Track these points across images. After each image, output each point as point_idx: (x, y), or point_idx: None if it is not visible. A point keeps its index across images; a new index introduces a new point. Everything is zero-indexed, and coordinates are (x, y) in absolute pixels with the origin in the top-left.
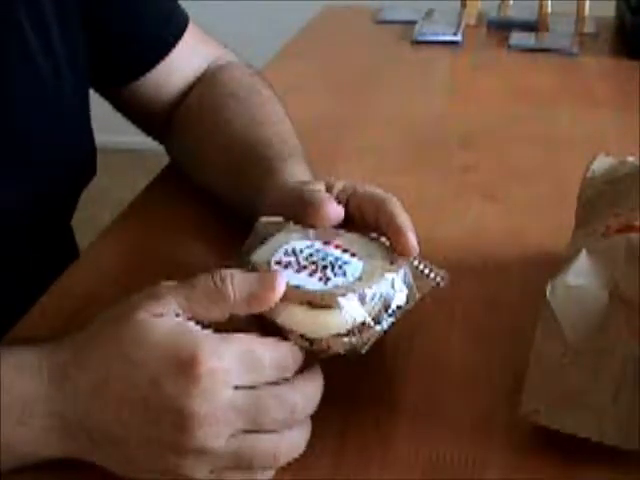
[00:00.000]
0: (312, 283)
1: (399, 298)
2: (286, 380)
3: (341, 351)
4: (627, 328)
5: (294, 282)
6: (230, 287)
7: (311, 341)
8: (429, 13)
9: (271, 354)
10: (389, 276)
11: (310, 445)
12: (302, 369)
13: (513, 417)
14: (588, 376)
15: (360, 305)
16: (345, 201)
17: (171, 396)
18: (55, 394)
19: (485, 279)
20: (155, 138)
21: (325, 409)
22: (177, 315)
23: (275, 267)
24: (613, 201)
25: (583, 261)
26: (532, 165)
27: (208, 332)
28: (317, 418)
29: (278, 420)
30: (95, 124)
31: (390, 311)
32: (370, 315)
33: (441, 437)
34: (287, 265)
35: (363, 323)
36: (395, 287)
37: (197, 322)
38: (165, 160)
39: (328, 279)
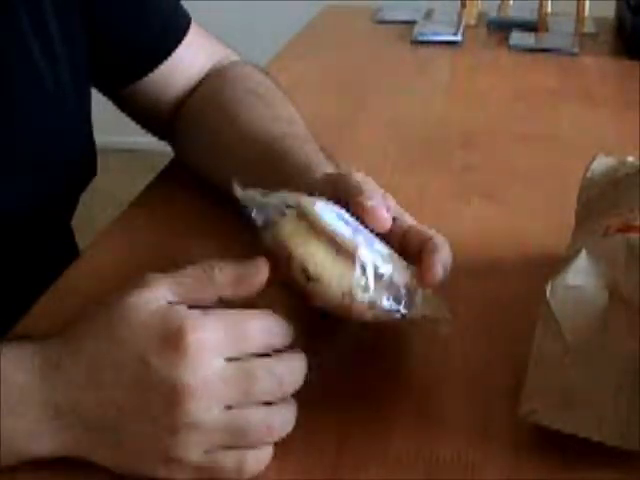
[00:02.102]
0: (343, 227)
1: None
2: (274, 353)
3: (329, 306)
4: (627, 328)
5: (323, 216)
6: (218, 271)
7: (308, 278)
8: (429, 13)
9: (258, 324)
10: (406, 273)
11: (310, 445)
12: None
13: (513, 417)
14: (588, 376)
15: (373, 276)
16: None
17: (159, 371)
18: (48, 383)
19: (485, 279)
20: (160, 137)
21: (325, 409)
22: (168, 302)
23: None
24: (613, 201)
25: (583, 261)
26: (532, 165)
27: (195, 310)
28: (317, 418)
29: (267, 391)
30: (95, 124)
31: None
32: (375, 291)
33: (441, 437)
34: (329, 209)
35: (365, 294)
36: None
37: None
38: (165, 160)
39: (358, 234)
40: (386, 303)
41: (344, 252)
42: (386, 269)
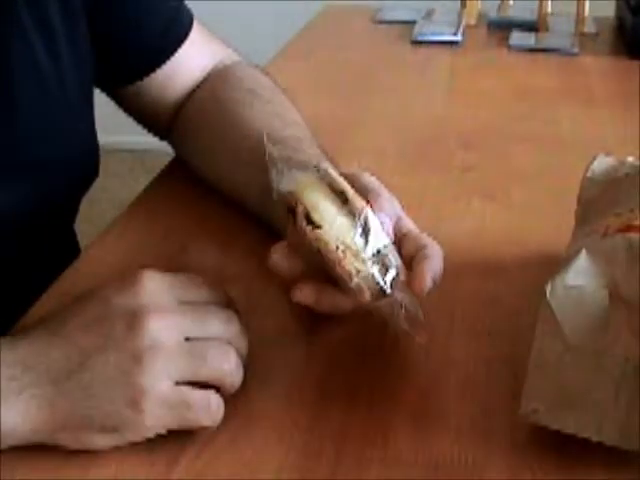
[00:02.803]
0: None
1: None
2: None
3: (327, 257)
4: (627, 328)
5: (338, 177)
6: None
7: (310, 223)
8: (429, 13)
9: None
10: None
11: (310, 445)
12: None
13: (513, 417)
14: (588, 376)
15: (372, 238)
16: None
17: (119, 302)
18: (15, 344)
19: (485, 279)
20: (161, 137)
21: (325, 409)
22: None
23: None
24: (613, 201)
25: (583, 261)
26: (532, 165)
27: None
28: (317, 418)
29: (221, 319)
30: (95, 124)
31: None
32: (369, 257)
33: (441, 437)
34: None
35: (359, 254)
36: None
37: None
38: (165, 160)
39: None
40: (374, 271)
41: (352, 210)
42: (386, 243)
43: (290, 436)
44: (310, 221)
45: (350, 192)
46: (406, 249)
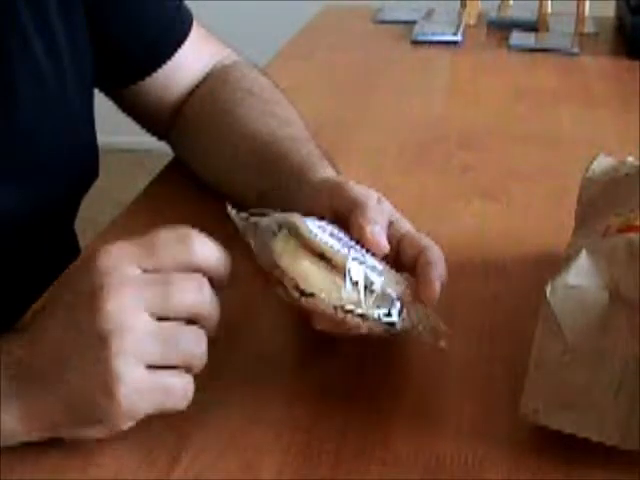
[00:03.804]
0: (334, 243)
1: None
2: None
3: (317, 319)
4: (627, 328)
5: (314, 233)
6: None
7: (301, 294)
8: (429, 13)
9: (169, 238)
10: (400, 286)
11: (310, 445)
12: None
13: (513, 417)
14: (588, 376)
15: (364, 289)
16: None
17: (77, 286)
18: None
19: (485, 279)
20: (159, 137)
21: (325, 408)
22: None
23: (307, 220)
24: (613, 201)
25: (583, 261)
26: (532, 165)
27: None
28: (317, 418)
29: (188, 288)
30: (95, 124)
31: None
32: (367, 305)
33: (441, 437)
34: (320, 227)
35: (350, 309)
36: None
37: None
38: (165, 160)
39: (350, 250)
40: (379, 315)
41: (335, 267)
42: (378, 282)
43: (290, 436)
44: (300, 290)
45: (327, 250)
46: (406, 253)
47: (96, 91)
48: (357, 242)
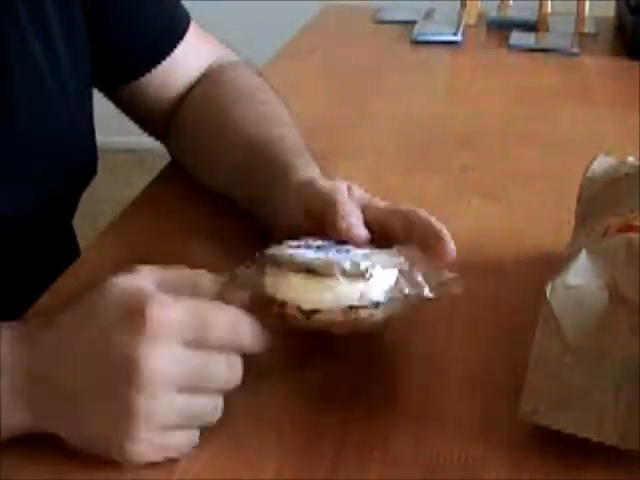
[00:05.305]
0: (314, 255)
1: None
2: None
3: (336, 330)
4: (627, 328)
5: (295, 255)
6: (206, 279)
7: (307, 315)
8: (429, 13)
9: (224, 317)
10: (396, 259)
11: (310, 445)
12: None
13: (513, 417)
14: (588, 376)
15: (358, 282)
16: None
17: (118, 345)
18: (23, 352)
19: (485, 279)
20: (156, 137)
21: (325, 408)
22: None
23: (286, 248)
24: (613, 201)
25: (583, 261)
26: (532, 165)
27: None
28: (317, 418)
29: (219, 380)
30: (95, 124)
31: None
32: (367, 295)
33: (441, 437)
34: (298, 247)
35: (357, 305)
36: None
37: None
38: (165, 160)
39: (333, 252)
40: (386, 294)
41: (327, 278)
42: (371, 265)
43: (290, 436)
44: (305, 312)
45: (311, 263)
46: (394, 227)
47: (95, 91)
48: (337, 240)
